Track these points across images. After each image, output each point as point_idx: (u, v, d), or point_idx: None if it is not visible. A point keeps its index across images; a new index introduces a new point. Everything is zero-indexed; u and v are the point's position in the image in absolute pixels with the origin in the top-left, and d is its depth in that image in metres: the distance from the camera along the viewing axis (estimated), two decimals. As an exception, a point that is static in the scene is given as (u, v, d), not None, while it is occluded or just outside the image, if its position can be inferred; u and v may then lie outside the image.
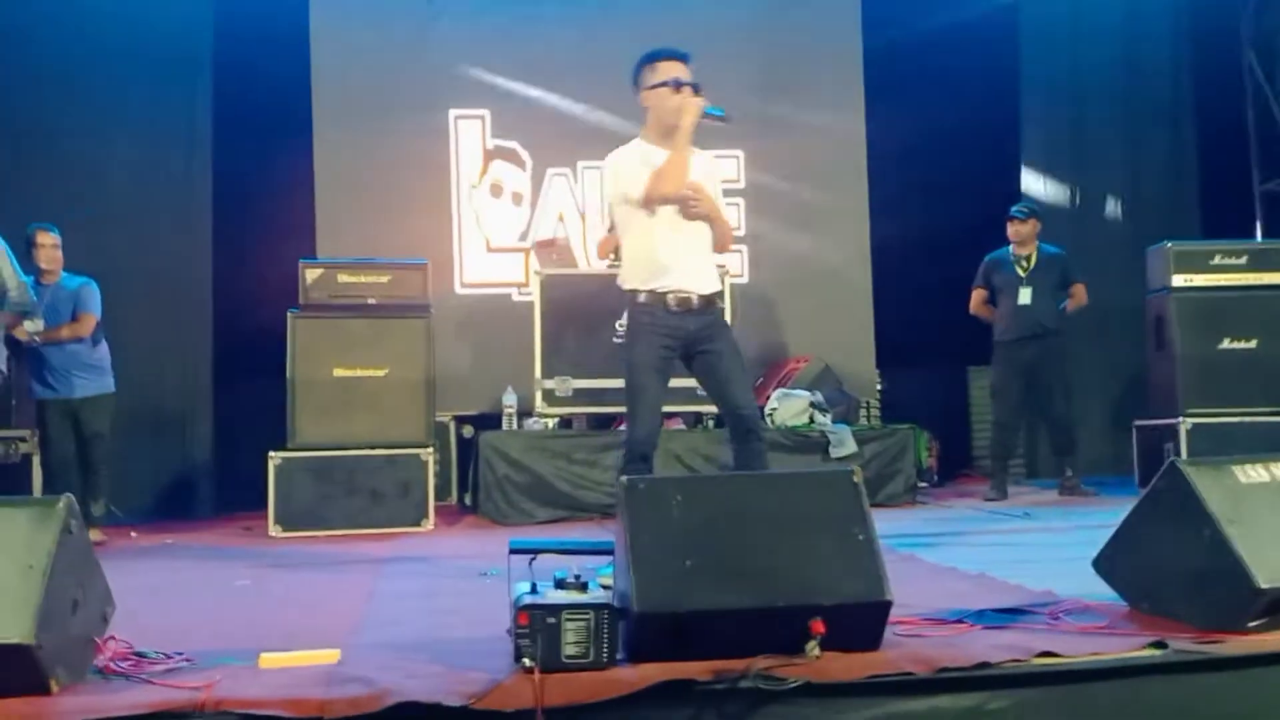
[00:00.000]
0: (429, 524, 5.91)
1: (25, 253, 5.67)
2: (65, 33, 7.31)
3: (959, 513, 6.07)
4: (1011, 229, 6.67)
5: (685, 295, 3.76)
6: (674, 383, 3.91)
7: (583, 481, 6.09)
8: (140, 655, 2.52)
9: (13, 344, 5.47)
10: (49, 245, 5.88)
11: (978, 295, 6.81)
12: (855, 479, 2.61)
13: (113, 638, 2.55)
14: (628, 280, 3.85)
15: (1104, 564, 2.95)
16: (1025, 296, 6.58)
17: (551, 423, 6.37)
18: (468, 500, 6.69)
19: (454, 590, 3.77)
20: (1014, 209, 6.72)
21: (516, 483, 6.07)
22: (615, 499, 2.59)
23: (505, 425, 6.50)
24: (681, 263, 3.77)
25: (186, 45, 7.55)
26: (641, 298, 3.79)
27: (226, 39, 7.59)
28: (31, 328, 5.69)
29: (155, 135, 7.42)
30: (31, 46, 7.28)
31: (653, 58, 3.80)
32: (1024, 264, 6.64)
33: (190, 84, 7.55)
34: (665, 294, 3.75)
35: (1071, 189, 8.32)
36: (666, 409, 4.27)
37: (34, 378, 5.88)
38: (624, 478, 2.61)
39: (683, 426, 6.42)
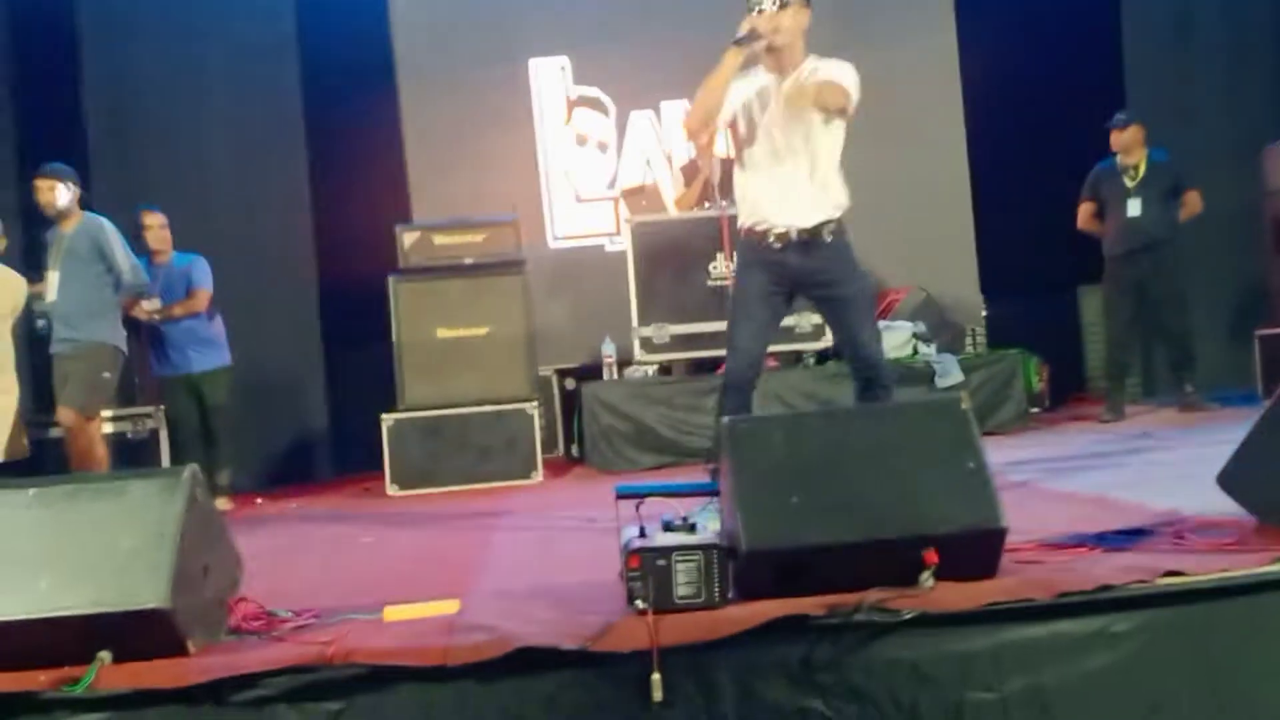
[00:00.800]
0: (538, 476, 6.00)
1: (136, 236, 5.87)
2: (159, 20, 7.48)
3: (1073, 436, 5.92)
4: (1113, 139, 6.39)
5: (783, 231, 3.64)
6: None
7: (685, 426, 6.11)
8: (271, 614, 2.62)
9: (131, 324, 5.69)
10: (156, 226, 6.08)
11: (1086, 209, 6.55)
12: (963, 406, 2.56)
13: (244, 598, 2.65)
14: (740, 216, 3.77)
15: (1229, 479, 2.84)
16: (1134, 208, 6.31)
17: (651, 370, 6.39)
18: (574, 451, 6.77)
19: (565, 539, 3.83)
20: (1112, 119, 6.44)
21: (621, 431, 6.12)
22: (717, 440, 2.59)
23: (606, 375, 6.54)
24: (779, 198, 3.64)
25: (271, 18, 7.67)
26: (745, 235, 3.73)
27: (309, 8, 7.70)
28: (149, 306, 5.92)
29: (248, 112, 7.56)
30: (129, 36, 7.46)
31: None
32: (1132, 173, 6.36)
33: (278, 57, 7.66)
34: (765, 231, 3.66)
35: (1176, 91, 7.91)
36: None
37: (153, 355, 6.12)
38: (725, 419, 2.61)
39: (776, 365, 6.34)
